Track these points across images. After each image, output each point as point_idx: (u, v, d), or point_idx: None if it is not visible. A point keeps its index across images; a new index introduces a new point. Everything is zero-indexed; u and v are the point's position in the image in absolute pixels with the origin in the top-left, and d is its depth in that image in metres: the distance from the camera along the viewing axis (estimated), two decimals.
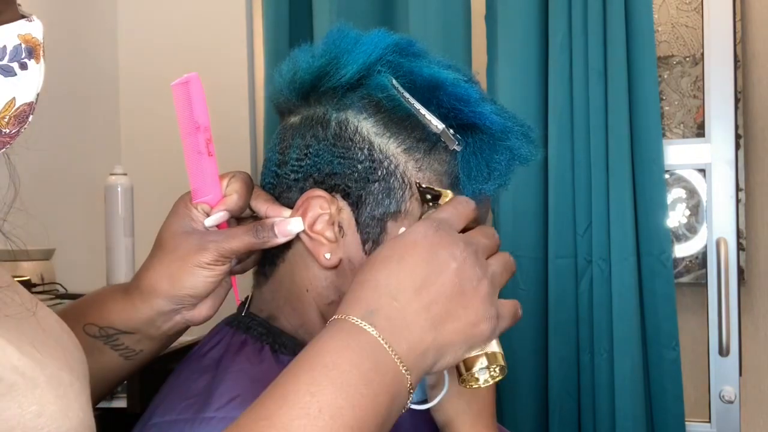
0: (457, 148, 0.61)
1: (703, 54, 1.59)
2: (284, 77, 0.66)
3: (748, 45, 1.75)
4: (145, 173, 1.54)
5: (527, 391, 1.44)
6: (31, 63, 0.46)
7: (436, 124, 0.61)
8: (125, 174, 1.29)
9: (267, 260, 0.67)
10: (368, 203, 0.62)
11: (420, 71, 0.62)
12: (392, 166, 0.62)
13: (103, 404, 0.82)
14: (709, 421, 1.43)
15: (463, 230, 0.56)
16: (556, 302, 1.40)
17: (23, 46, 0.45)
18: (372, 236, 0.62)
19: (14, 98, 0.45)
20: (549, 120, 1.40)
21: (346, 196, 0.62)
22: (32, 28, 0.46)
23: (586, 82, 1.37)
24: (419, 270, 0.51)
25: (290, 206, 0.63)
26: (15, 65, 0.45)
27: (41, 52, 0.46)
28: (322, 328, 0.62)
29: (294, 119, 0.66)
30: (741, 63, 1.72)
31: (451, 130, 0.61)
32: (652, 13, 1.38)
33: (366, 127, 0.62)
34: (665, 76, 1.80)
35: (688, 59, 1.80)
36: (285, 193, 0.64)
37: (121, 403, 1.03)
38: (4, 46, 0.44)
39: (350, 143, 0.62)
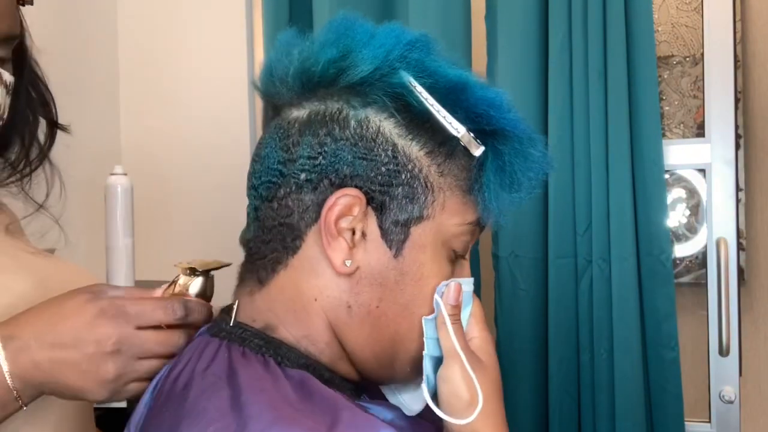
0: (478, 153, 0.59)
1: (703, 54, 1.59)
2: (286, 68, 0.60)
3: (748, 45, 1.75)
4: (145, 173, 1.54)
5: (527, 391, 1.43)
6: None
7: (457, 127, 0.58)
8: (125, 174, 1.29)
9: (261, 266, 0.62)
10: (392, 208, 0.58)
11: (445, 72, 0.59)
12: (416, 169, 0.58)
13: (103, 405, 0.82)
14: (709, 421, 1.43)
15: None
16: (556, 302, 1.40)
17: None
18: (395, 243, 0.59)
19: None
20: (549, 120, 1.40)
21: (369, 201, 0.58)
22: None
23: (586, 82, 1.37)
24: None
25: (299, 207, 0.59)
26: None
27: None
28: (329, 338, 0.61)
29: (299, 113, 0.61)
30: (741, 63, 1.72)
31: (472, 134, 0.58)
32: (652, 13, 1.37)
33: (388, 127, 0.58)
34: (665, 76, 1.80)
35: (688, 59, 1.80)
36: (293, 194, 0.59)
37: (121, 402, 1.03)
38: None
39: (373, 144, 0.58)
